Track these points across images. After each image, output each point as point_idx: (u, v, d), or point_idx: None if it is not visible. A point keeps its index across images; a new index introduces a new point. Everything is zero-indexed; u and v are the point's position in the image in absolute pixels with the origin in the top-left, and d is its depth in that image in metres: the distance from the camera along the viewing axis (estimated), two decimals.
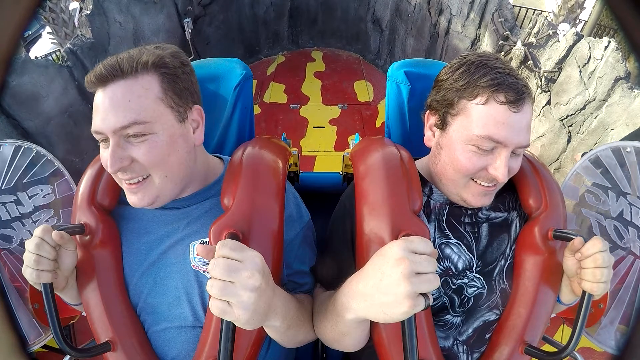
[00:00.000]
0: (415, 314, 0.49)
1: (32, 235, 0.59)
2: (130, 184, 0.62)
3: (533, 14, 3.54)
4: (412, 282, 0.46)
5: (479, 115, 0.62)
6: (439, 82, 0.70)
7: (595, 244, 0.58)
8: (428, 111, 0.72)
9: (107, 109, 0.58)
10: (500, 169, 0.62)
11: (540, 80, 2.70)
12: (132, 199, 0.63)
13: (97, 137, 0.62)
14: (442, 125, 0.68)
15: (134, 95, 0.59)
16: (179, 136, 0.63)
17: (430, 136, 0.72)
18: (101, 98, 0.59)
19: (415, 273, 0.47)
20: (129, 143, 0.60)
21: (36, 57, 2.72)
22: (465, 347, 0.69)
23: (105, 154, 0.61)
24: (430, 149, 0.74)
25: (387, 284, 0.47)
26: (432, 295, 0.67)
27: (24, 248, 0.59)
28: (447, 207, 0.72)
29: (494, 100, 0.61)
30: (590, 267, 0.58)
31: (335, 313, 0.58)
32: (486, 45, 3.14)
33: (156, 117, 0.60)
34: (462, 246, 0.70)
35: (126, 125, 0.58)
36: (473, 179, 0.66)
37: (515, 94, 0.61)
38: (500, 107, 0.61)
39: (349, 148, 1.01)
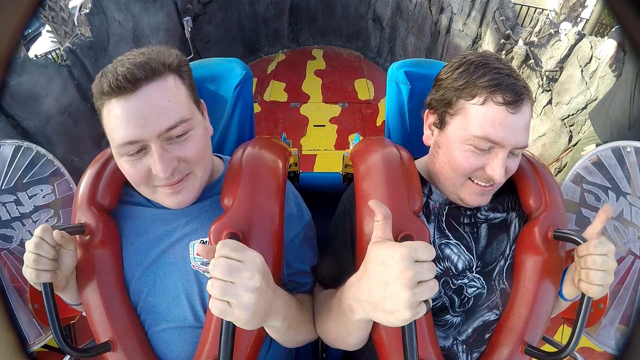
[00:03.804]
0: None
1: (32, 235, 0.59)
2: (172, 184, 0.60)
3: (534, 13, 3.52)
4: (415, 292, 0.46)
5: (477, 116, 0.62)
6: (438, 81, 0.70)
7: (589, 246, 0.58)
8: (427, 110, 0.73)
9: (146, 114, 0.55)
10: (497, 169, 0.62)
11: (542, 80, 2.69)
12: (172, 200, 0.62)
13: (128, 148, 0.57)
14: (441, 124, 0.68)
15: (171, 94, 0.58)
16: (207, 129, 0.67)
17: (429, 135, 0.72)
18: (134, 105, 0.55)
19: (417, 282, 0.47)
20: (171, 145, 0.59)
21: (35, 56, 2.71)
22: (465, 346, 0.69)
23: (142, 165, 0.58)
24: (429, 148, 0.74)
25: (390, 295, 0.47)
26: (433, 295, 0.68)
27: (24, 248, 0.59)
28: (447, 208, 0.72)
29: (491, 100, 0.61)
30: (584, 268, 0.58)
31: (342, 313, 0.58)
32: (487, 43, 3.13)
33: (193, 112, 0.62)
34: (462, 246, 0.70)
35: (173, 125, 0.57)
36: (470, 179, 0.66)
37: (514, 95, 0.61)
38: (498, 108, 0.61)
39: (349, 147, 1.01)
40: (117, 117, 0.56)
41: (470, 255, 0.70)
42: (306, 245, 0.75)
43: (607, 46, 2.13)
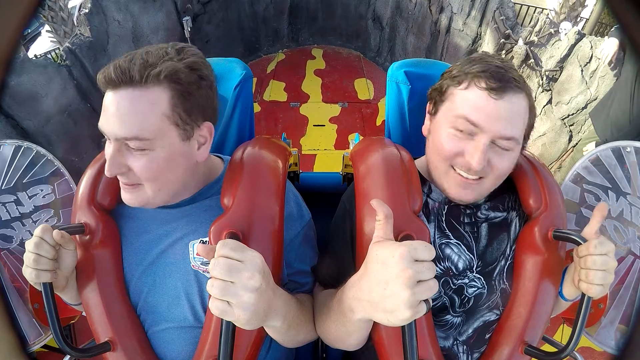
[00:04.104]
0: None
1: (32, 235, 0.59)
2: (125, 183, 0.62)
3: (534, 12, 3.52)
4: (415, 292, 0.46)
5: (460, 99, 0.65)
6: (441, 75, 0.72)
7: (589, 247, 0.58)
8: (428, 102, 0.75)
9: (112, 114, 0.58)
10: (475, 156, 0.62)
11: (542, 79, 2.69)
12: (124, 196, 0.64)
13: (102, 133, 0.62)
14: (434, 112, 0.71)
15: (139, 108, 0.57)
16: (179, 155, 0.62)
17: (427, 124, 0.74)
18: (109, 101, 0.58)
19: (417, 281, 0.47)
20: (129, 152, 0.59)
21: (35, 56, 2.71)
22: (465, 347, 0.69)
23: (106, 151, 0.61)
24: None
25: (390, 294, 0.47)
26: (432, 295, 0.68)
27: (24, 248, 0.59)
28: (446, 207, 0.72)
29: (475, 85, 0.64)
30: (584, 268, 0.58)
31: (342, 313, 0.58)
32: (487, 43, 3.13)
33: (158, 134, 0.59)
34: (462, 246, 0.70)
35: (127, 137, 0.58)
36: (452, 167, 0.66)
37: (497, 82, 0.62)
38: (481, 93, 0.63)
39: (349, 147, 1.01)
40: (103, 104, 0.60)
41: (470, 255, 0.70)
42: (306, 245, 0.75)
43: (609, 44, 2.12)
